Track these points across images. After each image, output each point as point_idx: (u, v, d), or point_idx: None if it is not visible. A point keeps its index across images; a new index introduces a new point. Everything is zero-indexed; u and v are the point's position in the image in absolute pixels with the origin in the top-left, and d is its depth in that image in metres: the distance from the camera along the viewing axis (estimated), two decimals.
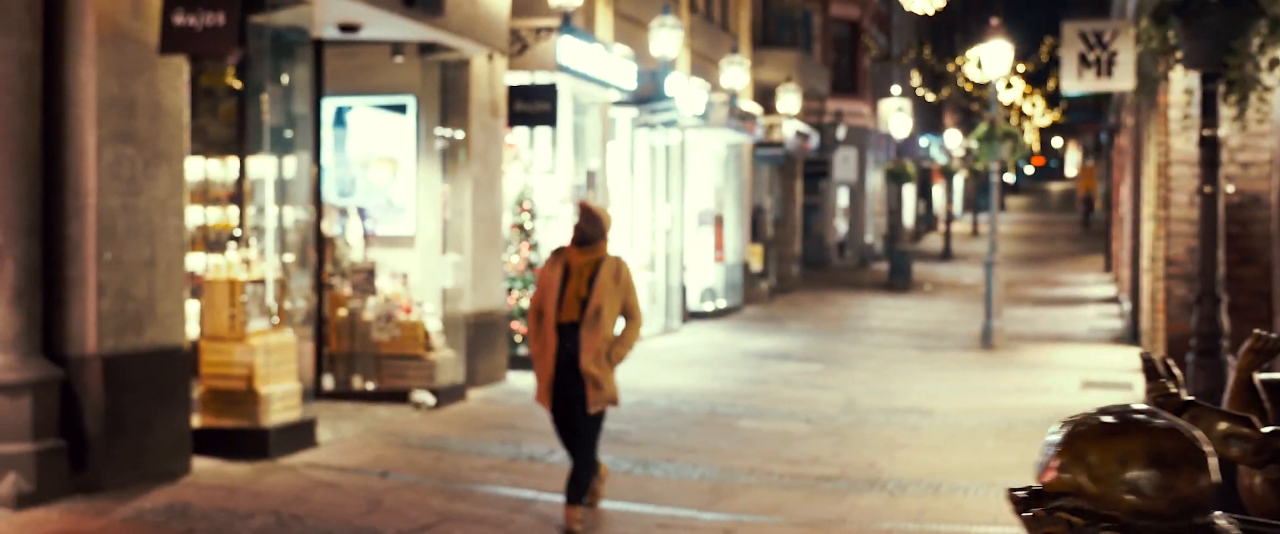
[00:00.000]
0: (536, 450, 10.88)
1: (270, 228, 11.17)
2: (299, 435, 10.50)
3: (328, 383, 12.93)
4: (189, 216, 9.86)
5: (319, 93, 12.83)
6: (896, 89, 46.24)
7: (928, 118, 53.78)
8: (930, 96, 41.32)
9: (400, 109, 14.15)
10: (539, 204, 16.33)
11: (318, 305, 12.54)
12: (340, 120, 14.23)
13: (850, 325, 24.39)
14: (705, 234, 25.54)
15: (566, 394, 8.38)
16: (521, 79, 15.55)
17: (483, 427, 12.08)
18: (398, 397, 12.79)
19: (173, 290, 9.40)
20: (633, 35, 19.71)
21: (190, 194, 9.99)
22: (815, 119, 35.38)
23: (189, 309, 9.87)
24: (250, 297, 10.26)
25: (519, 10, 15.16)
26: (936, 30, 51.82)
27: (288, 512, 8.51)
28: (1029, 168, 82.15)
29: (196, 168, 10.76)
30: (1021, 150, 23.42)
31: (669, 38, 19.25)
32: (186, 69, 9.59)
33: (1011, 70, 30.48)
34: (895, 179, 44.11)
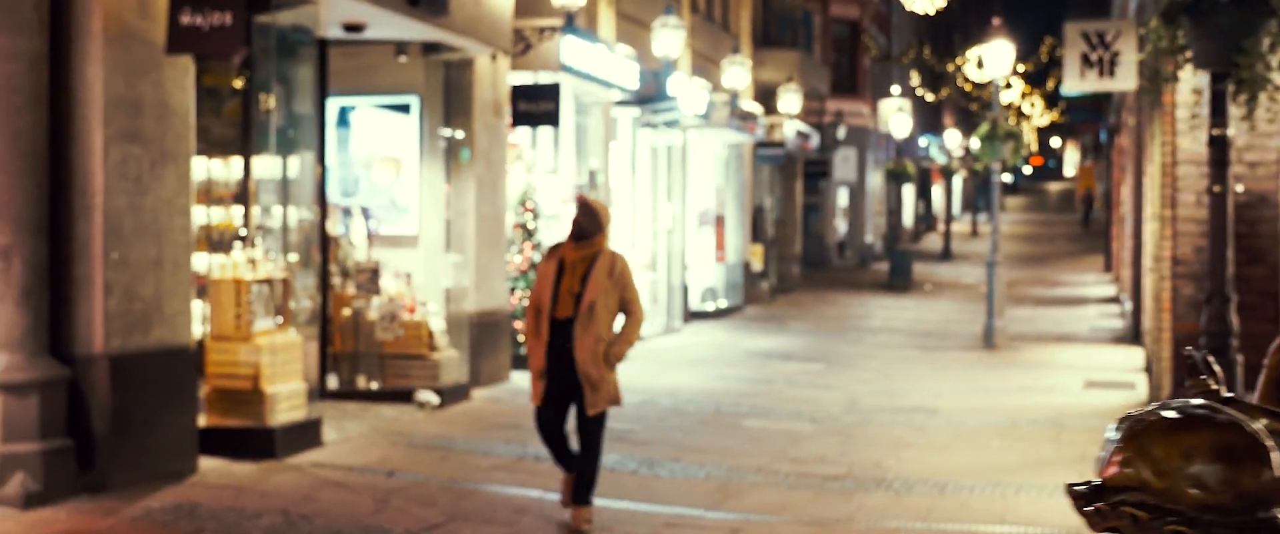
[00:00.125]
0: (542, 450, 10.81)
1: (275, 228, 11.17)
2: (305, 435, 10.50)
3: (332, 383, 12.92)
4: (194, 216, 9.86)
5: (323, 92, 12.83)
6: (896, 89, 46.26)
7: (927, 118, 53.80)
8: (929, 96, 41.33)
9: (404, 109, 14.15)
10: (542, 204, 16.33)
11: (322, 305, 12.53)
12: (343, 120, 14.23)
13: (852, 325, 24.40)
14: (706, 234, 25.55)
15: (564, 393, 8.25)
16: (525, 79, 15.56)
17: (487, 426, 12.08)
18: (402, 396, 12.79)
19: (179, 290, 9.40)
20: (635, 35, 19.72)
21: (194, 194, 9.98)
22: (815, 119, 35.39)
23: (195, 309, 9.87)
24: (256, 296, 10.26)
25: (522, 10, 15.17)
26: (936, 30, 51.82)
27: (296, 511, 8.51)
28: (1027, 168, 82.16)
29: (200, 167, 10.75)
30: (1023, 150, 23.44)
31: (671, 38, 19.26)
32: (192, 69, 9.59)
33: (1011, 70, 30.49)
34: (895, 179, 44.15)
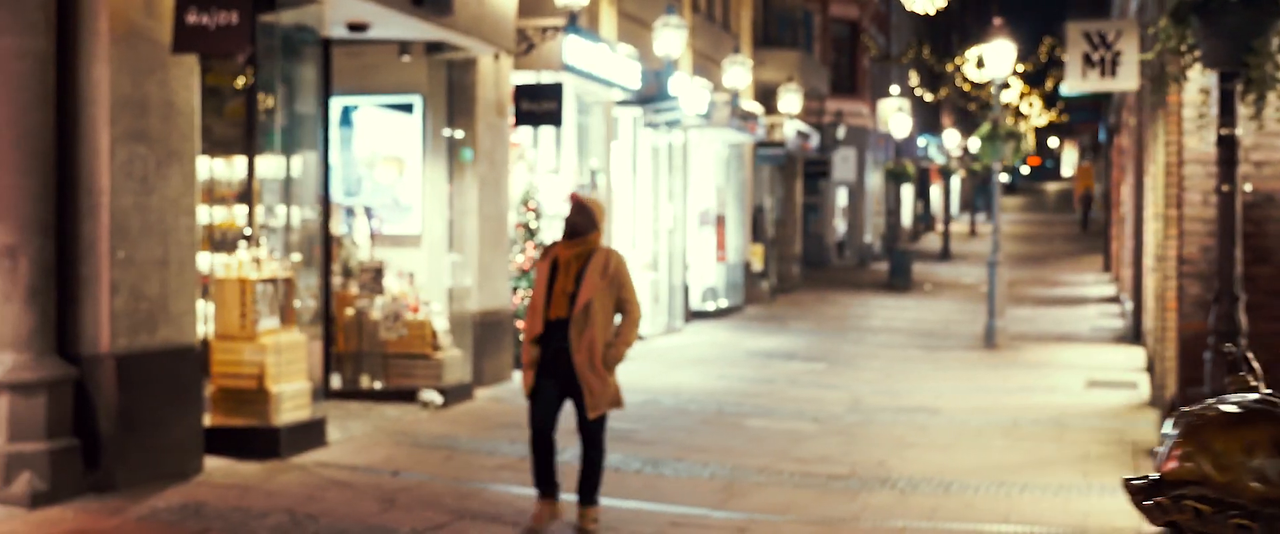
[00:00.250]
0: None
1: (278, 227, 11.17)
2: (309, 434, 10.50)
3: (335, 382, 12.92)
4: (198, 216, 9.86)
5: (326, 92, 12.83)
6: (895, 89, 46.29)
7: (925, 118, 53.84)
8: (928, 96, 41.39)
9: (407, 108, 14.15)
10: (544, 203, 16.34)
11: (325, 305, 12.53)
12: (346, 119, 14.23)
13: (853, 325, 24.41)
14: (707, 234, 25.56)
15: (562, 391, 8.14)
16: (527, 78, 15.57)
17: (491, 426, 12.08)
18: (405, 396, 12.79)
19: (185, 289, 9.40)
20: (636, 35, 19.73)
21: (199, 193, 9.98)
22: (815, 119, 35.42)
23: (200, 308, 9.87)
24: (261, 296, 10.26)
25: (525, 10, 15.17)
26: (934, 30, 51.87)
27: (302, 511, 8.51)
28: (1025, 168, 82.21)
29: (202, 167, 10.75)
30: (1023, 150, 23.47)
31: (673, 37, 19.27)
32: (198, 68, 9.59)
33: (1011, 70, 30.52)
34: (895, 179, 44.15)
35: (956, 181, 63.04)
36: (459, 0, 12.65)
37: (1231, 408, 1.74)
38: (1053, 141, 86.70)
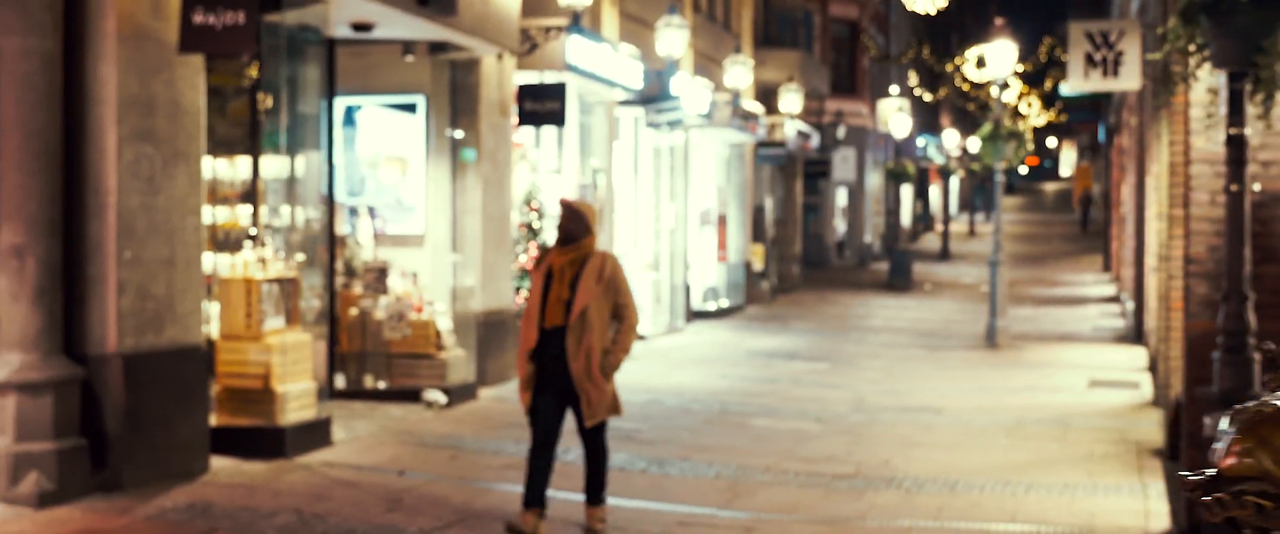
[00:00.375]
0: None
1: (282, 227, 11.17)
2: (315, 434, 10.50)
3: (339, 382, 12.92)
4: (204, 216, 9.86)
5: (330, 92, 12.83)
6: (894, 89, 46.30)
7: (924, 118, 53.85)
8: (928, 96, 41.38)
9: (410, 108, 14.15)
10: (546, 203, 16.34)
11: (329, 305, 12.53)
12: (350, 119, 14.23)
13: (854, 325, 24.42)
14: (708, 234, 25.57)
15: (561, 400, 8.04)
16: (530, 78, 15.58)
17: (496, 425, 12.09)
18: (409, 396, 12.79)
19: (191, 289, 9.41)
20: (638, 35, 19.73)
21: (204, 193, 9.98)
22: (815, 119, 35.43)
23: (206, 308, 9.87)
24: (266, 296, 10.27)
25: (528, 10, 15.17)
26: (934, 30, 51.88)
27: (309, 510, 8.52)
28: (1023, 168, 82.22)
29: (206, 167, 10.74)
30: (1024, 150, 23.48)
31: (675, 37, 19.27)
32: (203, 68, 9.59)
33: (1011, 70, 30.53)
34: (894, 179, 44.15)
35: (955, 182, 63.07)
36: (463, 0, 12.65)
37: None
38: (1051, 141, 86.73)
